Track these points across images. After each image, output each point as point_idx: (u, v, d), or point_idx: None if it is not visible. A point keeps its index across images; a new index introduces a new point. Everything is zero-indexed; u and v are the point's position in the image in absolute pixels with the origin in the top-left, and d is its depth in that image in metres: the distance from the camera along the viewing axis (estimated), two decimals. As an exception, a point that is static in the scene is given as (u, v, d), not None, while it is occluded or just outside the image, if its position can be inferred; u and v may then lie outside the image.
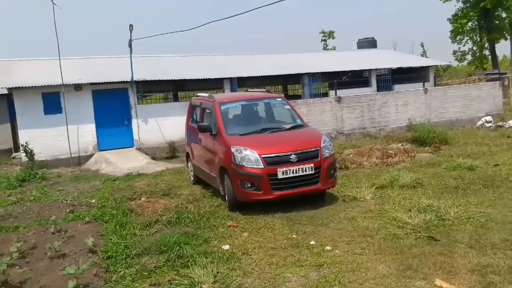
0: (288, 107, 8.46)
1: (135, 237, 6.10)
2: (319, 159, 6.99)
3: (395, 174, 8.57)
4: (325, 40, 44.36)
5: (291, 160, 6.78)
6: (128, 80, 15.12)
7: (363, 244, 5.26)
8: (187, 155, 10.07)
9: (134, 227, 6.49)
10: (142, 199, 8.49)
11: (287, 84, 25.06)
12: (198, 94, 9.80)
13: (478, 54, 40.16)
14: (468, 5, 36.38)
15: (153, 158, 14.91)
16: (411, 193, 7.47)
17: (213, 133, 7.80)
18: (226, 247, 5.43)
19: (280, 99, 8.77)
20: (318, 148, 7.06)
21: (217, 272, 4.57)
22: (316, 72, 18.83)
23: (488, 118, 17.11)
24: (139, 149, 15.38)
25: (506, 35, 38.39)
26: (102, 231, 6.55)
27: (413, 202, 6.84)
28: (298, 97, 19.99)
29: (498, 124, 16.41)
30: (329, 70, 19.20)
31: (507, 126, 15.99)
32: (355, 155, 12.03)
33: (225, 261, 4.99)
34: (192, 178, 9.81)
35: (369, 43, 27.69)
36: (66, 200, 8.80)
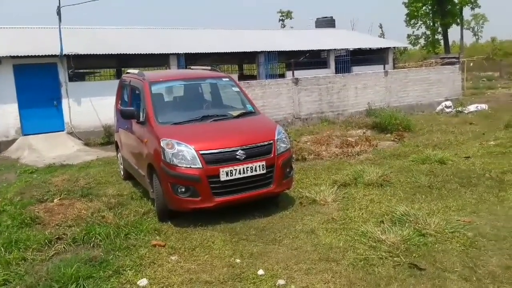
0: (236, 89, 6.91)
1: (23, 263, 4.47)
2: (272, 155, 5.59)
3: (359, 169, 7.40)
4: (282, 20, 43.30)
5: (237, 157, 5.33)
6: (57, 54, 13.02)
7: (327, 274, 3.98)
8: (116, 144, 8.40)
9: (27, 246, 4.84)
10: (55, 200, 6.83)
11: (242, 63, 23.52)
12: (129, 70, 8.09)
13: (431, 38, 40.43)
14: (423, -11, 36.19)
15: (86, 144, 13.03)
16: (379, 194, 6.32)
17: (141, 120, 6.22)
18: (143, 282, 3.93)
19: (227, 79, 7.17)
20: (271, 142, 5.66)
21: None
22: (273, 51, 17.40)
23: (448, 103, 16.49)
24: (70, 133, 13.42)
25: (458, 20, 38.78)
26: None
27: (383, 208, 5.68)
28: (254, 77, 18.54)
29: (457, 109, 15.80)
30: (286, 49, 17.82)
31: (466, 112, 15.40)
32: (313, 143, 10.89)
33: (138, 307, 3.55)
34: (122, 172, 8.20)
35: (327, 23, 26.57)
36: None
